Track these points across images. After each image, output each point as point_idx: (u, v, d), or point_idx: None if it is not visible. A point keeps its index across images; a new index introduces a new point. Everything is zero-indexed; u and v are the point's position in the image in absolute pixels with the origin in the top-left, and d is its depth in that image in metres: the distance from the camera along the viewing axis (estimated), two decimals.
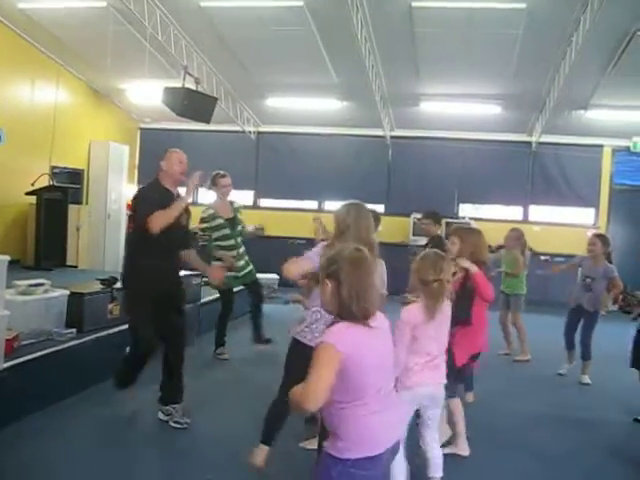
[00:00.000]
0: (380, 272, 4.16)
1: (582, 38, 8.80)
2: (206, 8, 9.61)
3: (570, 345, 7.39)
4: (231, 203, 7.42)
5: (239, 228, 7.36)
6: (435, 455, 4.01)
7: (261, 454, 4.09)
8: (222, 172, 7.39)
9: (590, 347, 7.09)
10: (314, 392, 2.45)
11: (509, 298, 8.12)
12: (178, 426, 5.06)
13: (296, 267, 3.97)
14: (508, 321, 8.22)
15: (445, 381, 3.93)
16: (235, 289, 7.65)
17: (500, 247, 8.21)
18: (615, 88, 10.78)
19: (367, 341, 2.58)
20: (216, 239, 7.18)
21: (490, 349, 5.59)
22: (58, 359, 5.44)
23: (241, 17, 9.75)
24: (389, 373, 2.77)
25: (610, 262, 7.16)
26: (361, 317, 2.58)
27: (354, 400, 2.57)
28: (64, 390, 5.39)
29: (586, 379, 7.09)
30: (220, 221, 7.15)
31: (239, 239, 7.32)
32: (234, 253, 7.21)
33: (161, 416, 5.18)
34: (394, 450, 2.76)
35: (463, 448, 4.68)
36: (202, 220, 7.15)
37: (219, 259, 7.07)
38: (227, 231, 7.19)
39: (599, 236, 7.35)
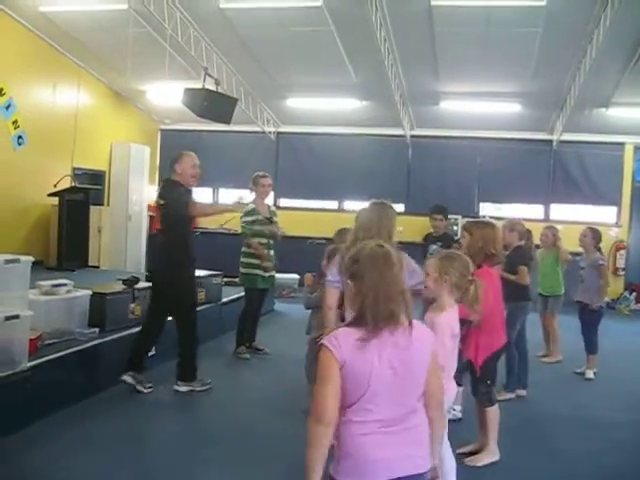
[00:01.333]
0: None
1: (603, 35, 8.72)
2: (226, 9, 9.65)
3: None
4: (268, 206, 7.64)
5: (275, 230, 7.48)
6: (451, 465, 3.75)
7: None
8: (262, 172, 7.55)
9: (592, 341, 7.13)
10: (321, 411, 2.22)
11: (548, 299, 7.92)
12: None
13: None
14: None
15: None
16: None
17: (537, 247, 8.01)
18: (637, 86, 10.66)
19: (377, 351, 2.24)
20: (253, 235, 7.32)
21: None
22: (81, 358, 5.51)
23: (260, 18, 9.78)
24: (406, 398, 2.33)
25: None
26: (381, 322, 2.26)
27: (351, 413, 2.27)
28: (87, 389, 5.45)
29: (590, 374, 7.10)
30: (260, 217, 7.32)
31: (271, 241, 7.42)
32: (265, 252, 7.31)
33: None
34: None
35: (495, 452, 4.61)
36: (246, 213, 7.23)
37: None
38: (262, 229, 7.34)
39: (590, 229, 7.44)
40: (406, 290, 2.37)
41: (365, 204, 4.18)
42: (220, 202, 6.07)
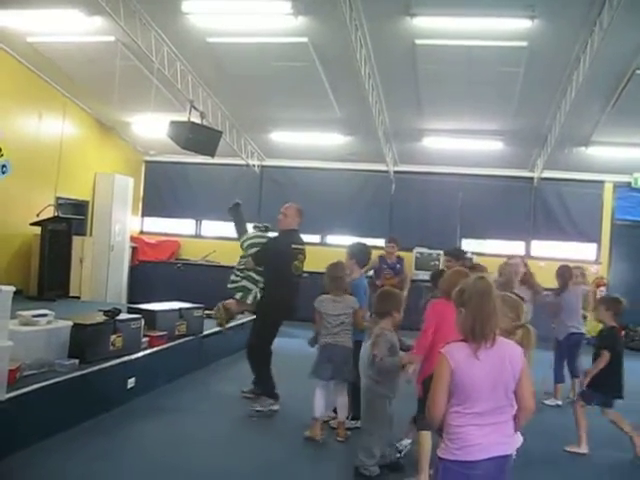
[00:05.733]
0: None
1: (582, 76, 8.92)
2: (213, 44, 9.76)
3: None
4: None
5: None
6: None
7: None
8: None
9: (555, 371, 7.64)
10: (431, 401, 2.93)
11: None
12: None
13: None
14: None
15: None
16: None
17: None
18: (615, 125, 10.88)
19: (478, 362, 2.87)
20: None
21: None
22: (60, 390, 5.43)
23: (247, 53, 9.90)
24: (499, 394, 2.92)
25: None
26: (481, 339, 2.89)
27: (458, 405, 2.90)
28: (66, 421, 5.38)
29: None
30: None
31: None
32: None
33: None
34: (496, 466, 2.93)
35: None
36: None
37: None
38: None
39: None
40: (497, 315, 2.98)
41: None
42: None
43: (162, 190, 15.47)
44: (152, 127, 12.90)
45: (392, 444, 5.12)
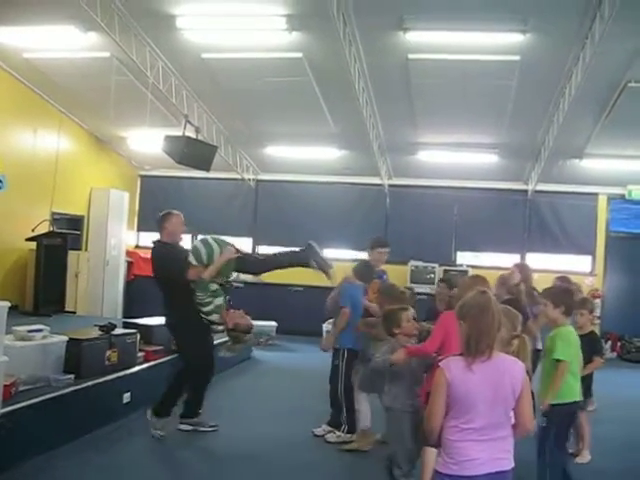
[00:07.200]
0: None
1: (575, 89, 8.98)
2: (207, 59, 9.80)
3: None
4: None
5: None
6: None
7: None
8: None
9: None
10: (429, 413, 3.01)
11: None
12: (209, 429, 6.12)
13: None
14: None
15: None
16: None
17: None
18: (609, 138, 10.95)
19: (473, 375, 2.90)
20: None
21: None
22: (56, 405, 5.43)
23: (241, 68, 9.93)
24: (497, 410, 2.94)
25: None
26: (475, 353, 2.93)
27: (456, 418, 2.94)
28: (62, 436, 5.37)
29: None
30: None
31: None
32: None
33: (185, 427, 6.09)
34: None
35: None
36: None
37: None
38: None
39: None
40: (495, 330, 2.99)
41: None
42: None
43: (157, 204, 15.39)
44: (147, 142, 12.95)
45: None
